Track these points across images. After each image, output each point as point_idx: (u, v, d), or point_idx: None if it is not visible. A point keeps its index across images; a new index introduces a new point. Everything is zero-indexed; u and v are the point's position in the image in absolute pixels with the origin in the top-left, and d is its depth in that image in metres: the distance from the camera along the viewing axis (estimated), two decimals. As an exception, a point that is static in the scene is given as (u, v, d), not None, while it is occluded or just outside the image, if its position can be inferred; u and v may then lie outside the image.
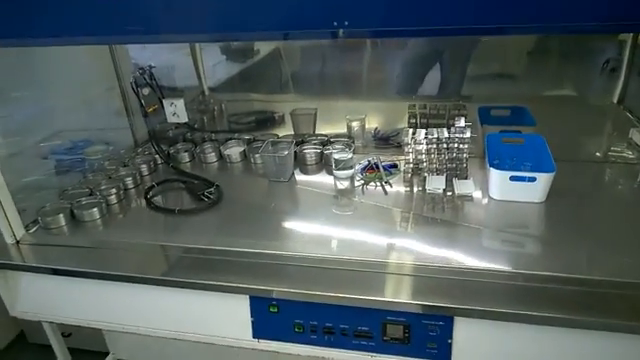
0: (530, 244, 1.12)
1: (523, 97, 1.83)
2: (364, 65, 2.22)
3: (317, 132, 1.70)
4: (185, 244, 1.17)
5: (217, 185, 1.37)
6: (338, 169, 1.44)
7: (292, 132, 1.72)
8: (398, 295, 0.97)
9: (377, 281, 1.01)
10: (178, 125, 1.76)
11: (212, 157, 1.59)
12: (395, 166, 1.47)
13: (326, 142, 1.60)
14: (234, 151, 1.60)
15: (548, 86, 2.33)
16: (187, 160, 1.61)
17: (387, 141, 1.63)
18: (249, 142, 1.64)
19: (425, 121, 1.59)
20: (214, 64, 2.98)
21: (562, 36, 2.25)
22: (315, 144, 1.60)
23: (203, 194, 1.32)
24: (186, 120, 1.63)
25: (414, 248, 1.11)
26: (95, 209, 1.27)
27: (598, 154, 1.49)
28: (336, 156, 1.43)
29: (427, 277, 1.01)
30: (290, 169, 1.48)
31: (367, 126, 1.66)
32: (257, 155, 1.53)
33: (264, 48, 3.18)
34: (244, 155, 1.59)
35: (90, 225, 1.27)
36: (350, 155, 1.43)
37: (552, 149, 1.26)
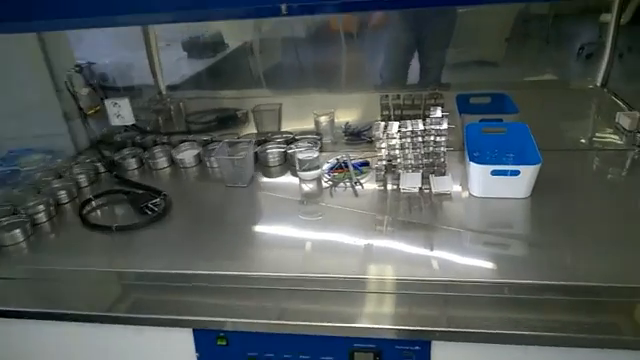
0: (516, 248, 1.01)
1: (504, 84, 1.79)
2: (339, 58, 2.16)
3: (284, 129, 1.59)
4: (119, 268, 1.03)
5: (164, 195, 1.22)
6: (303, 170, 1.32)
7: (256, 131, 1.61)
8: (367, 318, 0.85)
9: (344, 302, 0.89)
10: (127, 128, 1.60)
11: (163, 162, 1.45)
12: (367, 164, 1.36)
13: (291, 140, 1.47)
14: (187, 155, 1.46)
15: (528, 72, 2.31)
16: (134, 167, 1.46)
17: (359, 136, 1.51)
18: (205, 144, 1.49)
19: (399, 113, 1.49)
20: (178, 59, 2.83)
21: (539, 21, 2.20)
22: (279, 143, 1.46)
23: (146, 206, 1.17)
24: (132, 122, 1.48)
25: (387, 259, 0.99)
26: (17, 230, 1.11)
27: (584, 141, 1.42)
28: (300, 156, 1.31)
29: (402, 294, 0.89)
30: (249, 172, 1.35)
31: (337, 121, 1.56)
32: (212, 158, 1.38)
33: (232, 43, 3.06)
34: (199, 159, 1.44)
35: (12, 250, 1.11)
36: (316, 154, 1.31)
37: (536, 138, 1.17)
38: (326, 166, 1.35)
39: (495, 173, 1.10)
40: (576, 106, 1.68)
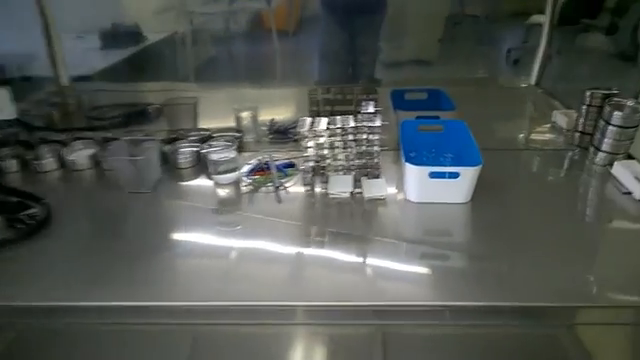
0: (457, 261, 0.90)
1: (438, 80, 1.74)
2: (272, 53, 2.25)
3: (205, 126, 1.40)
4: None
5: (43, 203, 1.00)
6: (218, 173, 1.15)
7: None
8: None
9: (250, 343, 0.72)
10: (10, 123, 1.35)
11: (51, 164, 1.22)
12: (292, 165, 1.22)
13: (207, 138, 1.28)
14: (81, 155, 1.24)
15: (462, 71, 2.33)
16: (15, 170, 1.21)
17: (285, 134, 1.36)
18: (104, 142, 1.27)
19: (329, 108, 1.36)
20: (86, 49, 2.60)
21: (472, 23, 2.31)
22: (193, 141, 1.27)
23: (18, 218, 0.94)
24: (13, 116, 1.23)
25: (310, 282, 0.85)
26: None
27: (522, 140, 1.38)
28: (214, 156, 1.14)
29: (324, 326, 0.74)
30: (154, 176, 1.16)
31: (264, 118, 1.42)
32: (110, 159, 1.17)
33: (156, 35, 2.91)
34: (95, 160, 1.22)
35: None
36: (233, 154, 1.15)
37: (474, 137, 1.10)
38: (245, 168, 1.19)
39: (433, 176, 0.99)
40: (511, 104, 1.65)
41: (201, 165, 1.24)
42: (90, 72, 2.37)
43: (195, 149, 1.25)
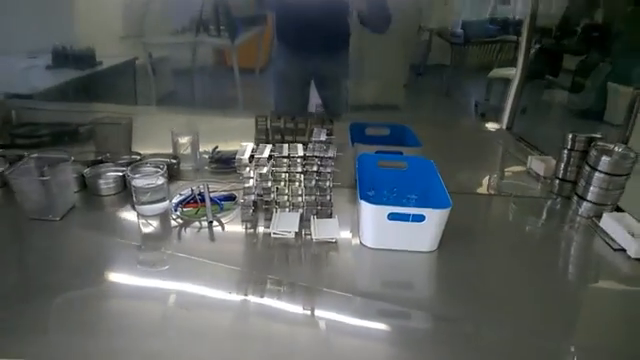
0: (419, 320, 0.75)
1: (404, 120, 1.61)
2: (235, 87, 2.23)
3: (140, 151, 1.24)
4: None
5: None
6: (142, 203, 0.98)
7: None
8: None
9: None
10: None
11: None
12: (232, 198, 1.06)
13: (136, 163, 1.10)
14: (-15, 173, 1.03)
15: (429, 113, 2.26)
16: None
17: (228, 164, 1.19)
18: (14, 161, 1.08)
19: (279, 138, 1.19)
20: (27, 68, 2.51)
21: (438, 72, 2.30)
22: (120, 165, 1.10)
23: None
24: None
25: (246, 340, 0.69)
26: None
27: (494, 185, 1.25)
28: (138, 182, 0.97)
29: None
30: (67, 202, 1.00)
31: (210, 146, 1.28)
32: (14, 179, 0.98)
33: (112, 60, 2.83)
34: (1, 180, 1.03)
35: None
36: (160, 181, 0.98)
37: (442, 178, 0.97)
38: (176, 199, 1.02)
39: (393, 217, 0.84)
40: (481, 147, 1.55)
41: (127, 193, 1.07)
42: (31, 91, 2.24)
43: (119, 174, 1.07)
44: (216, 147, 1.27)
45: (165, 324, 0.72)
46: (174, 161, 1.17)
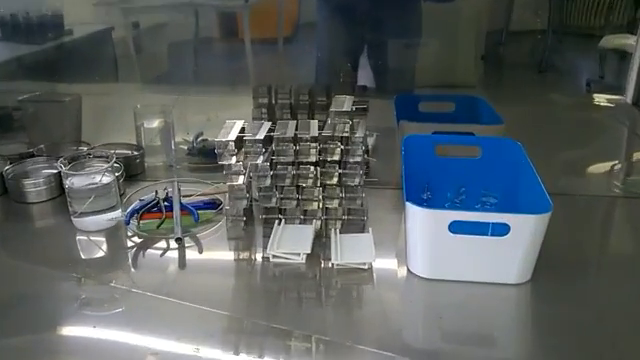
0: None
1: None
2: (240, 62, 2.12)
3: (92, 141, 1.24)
4: None
5: None
6: (81, 214, 0.93)
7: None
8: None
9: None
10: None
11: None
12: (216, 205, 1.01)
13: (84, 156, 1.06)
14: None
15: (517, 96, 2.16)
16: None
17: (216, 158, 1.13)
18: None
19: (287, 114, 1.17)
20: None
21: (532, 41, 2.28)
22: (57, 160, 1.06)
23: None
24: None
25: None
26: None
27: (617, 182, 1.21)
28: (75, 182, 0.93)
29: None
30: None
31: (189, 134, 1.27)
32: None
33: (86, 27, 2.91)
34: None
35: None
36: (107, 179, 0.94)
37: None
38: (132, 206, 0.97)
39: (460, 229, 0.76)
40: (595, 128, 1.51)
41: (63, 199, 1.04)
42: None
43: (54, 171, 1.06)
44: (200, 134, 1.25)
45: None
46: (136, 153, 1.14)
